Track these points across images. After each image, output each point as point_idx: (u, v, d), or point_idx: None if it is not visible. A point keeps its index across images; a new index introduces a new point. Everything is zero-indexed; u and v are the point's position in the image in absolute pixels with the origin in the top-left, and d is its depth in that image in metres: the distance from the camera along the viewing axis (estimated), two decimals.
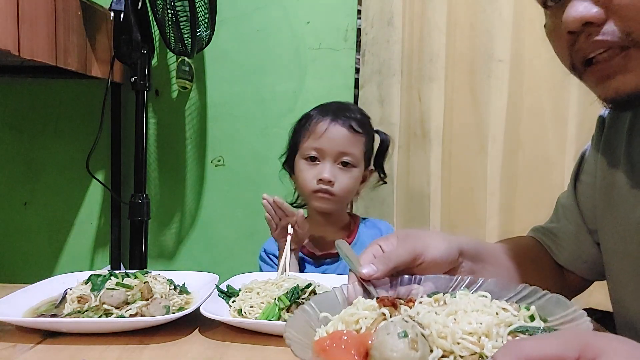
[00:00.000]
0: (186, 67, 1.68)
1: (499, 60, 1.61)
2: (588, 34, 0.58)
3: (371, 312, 0.55)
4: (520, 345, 0.40)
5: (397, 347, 0.46)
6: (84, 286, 0.86)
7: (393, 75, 1.66)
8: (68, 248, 1.82)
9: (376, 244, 0.66)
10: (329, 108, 1.25)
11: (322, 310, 0.58)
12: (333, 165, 1.20)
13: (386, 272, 0.61)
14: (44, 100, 1.79)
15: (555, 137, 1.65)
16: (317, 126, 1.21)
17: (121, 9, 1.49)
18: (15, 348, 0.71)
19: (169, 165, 1.79)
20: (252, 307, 0.82)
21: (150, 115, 1.76)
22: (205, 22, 1.52)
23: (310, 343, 0.53)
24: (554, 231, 0.86)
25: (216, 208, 1.79)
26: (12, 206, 1.81)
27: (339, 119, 1.21)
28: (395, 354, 0.46)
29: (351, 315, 0.55)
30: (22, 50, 1.21)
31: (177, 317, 0.76)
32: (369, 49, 1.68)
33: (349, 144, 1.21)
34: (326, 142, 1.20)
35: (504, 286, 0.60)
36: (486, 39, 1.62)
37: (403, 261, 0.63)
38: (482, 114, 1.64)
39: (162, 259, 1.80)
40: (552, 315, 0.53)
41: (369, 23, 1.67)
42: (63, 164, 1.79)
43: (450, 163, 1.68)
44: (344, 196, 1.23)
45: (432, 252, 0.65)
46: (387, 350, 0.47)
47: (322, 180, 1.19)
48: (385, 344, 0.47)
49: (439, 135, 1.64)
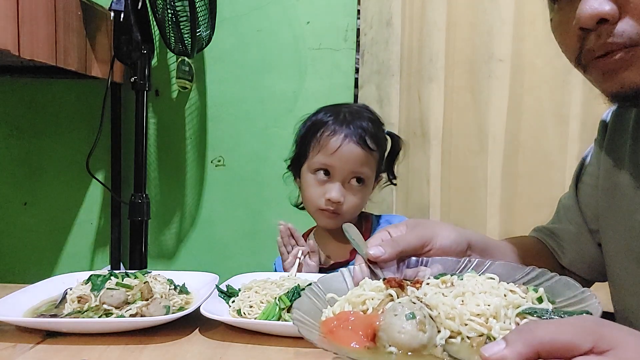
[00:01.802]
0: (186, 67, 1.68)
1: (500, 60, 1.60)
2: (599, 34, 0.57)
3: (378, 294, 0.54)
4: (534, 329, 0.39)
5: (405, 329, 0.47)
6: (84, 286, 0.86)
7: (392, 75, 1.66)
8: (68, 248, 1.82)
9: (385, 230, 0.66)
10: (341, 116, 1.16)
11: (329, 291, 0.58)
12: (342, 184, 1.13)
13: (393, 256, 0.61)
14: (44, 100, 1.79)
15: (556, 137, 1.63)
16: (330, 141, 1.12)
17: (121, 9, 1.49)
18: (15, 348, 0.71)
19: (169, 165, 1.79)
20: (251, 307, 0.82)
21: (150, 115, 1.76)
22: (205, 22, 1.52)
23: (317, 324, 0.52)
24: (556, 232, 0.86)
25: (216, 208, 1.79)
26: (12, 206, 1.81)
27: (353, 135, 1.12)
28: (403, 336, 0.46)
29: (358, 297, 0.54)
30: (22, 50, 1.21)
31: (177, 317, 0.76)
32: (368, 50, 1.68)
33: (361, 163, 1.13)
34: (338, 160, 1.12)
35: (512, 268, 0.60)
36: (486, 39, 1.61)
37: (411, 246, 0.63)
38: (482, 113, 1.64)
39: (162, 259, 1.80)
40: (561, 296, 0.53)
41: (368, 24, 1.67)
42: (63, 164, 1.79)
43: (450, 163, 1.67)
44: (351, 214, 1.17)
45: (441, 240, 0.65)
46: (395, 332, 0.47)
47: (330, 200, 1.12)
48: (393, 325, 0.47)
49: (438, 135, 1.64)
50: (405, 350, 0.47)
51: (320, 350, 0.70)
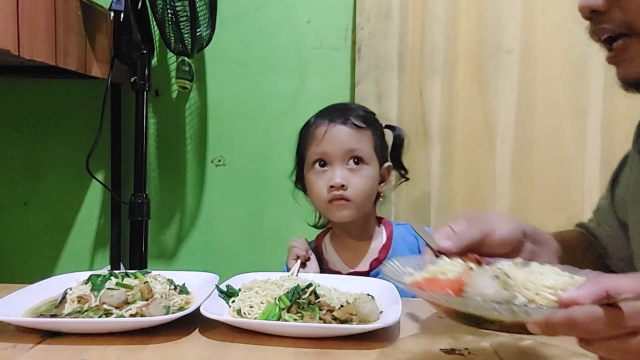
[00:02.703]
0: (186, 67, 1.68)
1: (508, 51, 1.52)
2: (595, 21, 0.67)
3: (457, 267, 0.61)
4: (601, 278, 0.48)
5: (491, 285, 0.54)
6: (84, 286, 0.86)
7: (391, 70, 1.59)
8: (68, 248, 1.82)
9: (446, 226, 0.71)
10: (327, 111, 1.19)
11: (406, 266, 0.65)
12: (342, 167, 1.11)
13: (460, 248, 0.67)
14: (44, 100, 1.79)
15: (573, 132, 1.53)
16: (317, 130, 1.14)
17: (121, 9, 1.49)
18: (15, 348, 0.71)
19: (169, 165, 1.79)
20: (251, 307, 0.82)
21: (150, 115, 1.76)
22: (205, 22, 1.52)
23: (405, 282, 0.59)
24: (595, 232, 0.89)
25: (216, 208, 1.79)
26: (12, 206, 1.81)
27: (337, 118, 1.14)
28: (489, 290, 0.54)
29: (438, 269, 0.61)
30: (22, 50, 1.21)
31: (177, 317, 0.76)
32: (365, 44, 1.61)
33: (353, 140, 1.12)
34: (329, 144, 1.11)
35: (572, 270, 0.64)
36: (493, 28, 1.53)
37: (475, 239, 0.68)
38: (490, 108, 1.55)
39: (162, 259, 1.80)
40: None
41: (365, 17, 1.61)
42: (63, 164, 1.79)
43: (454, 161, 1.60)
44: (361, 199, 1.12)
45: (500, 231, 0.70)
46: (481, 287, 0.54)
47: (333, 187, 1.10)
48: (480, 281, 0.55)
49: (441, 132, 1.57)
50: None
51: (320, 350, 0.70)
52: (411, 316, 0.85)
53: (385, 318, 0.80)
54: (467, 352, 0.71)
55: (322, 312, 0.79)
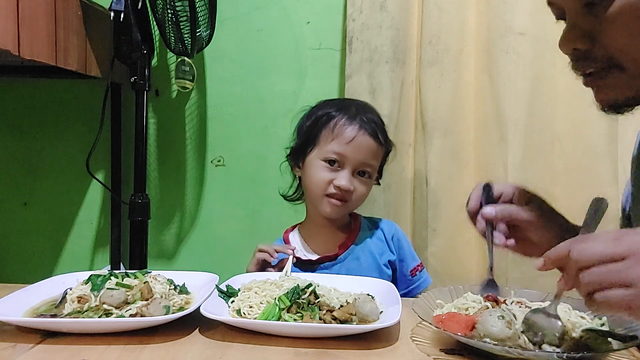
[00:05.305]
0: (186, 67, 1.68)
1: (520, 34, 1.39)
2: (577, 57, 0.72)
3: (477, 304, 0.78)
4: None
5: (497, 324, 0.68)
6: (84, 286, 0.86)
7: (386, 62, 1.51)
8: (68, 248, 1.82)
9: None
10: (352, 110, 1.19)
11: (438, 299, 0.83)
12: (352, 173, 1.16)
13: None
14: (44, 100, 1.79)
15: (601, 123, 1.39)
16: (345, 131, 1.15)
17: (121, 9, 1.49)
18: (15, 348, 0.71)
19: (169, 165, 1.79)
20: (251, 307, 0.82)
21: (150, 115, 1.76)
22: (205, 22, 1.52)
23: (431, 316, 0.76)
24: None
25: (216, 208, 1.79)
26: (12, 206, 1.81)
27: (367, 127, 1.16)
28: (495, 329, 0.67)
29: (462, 304, 0.79)
30: (22, 50, 1.21)
31: (177, 317, 0.76)
32: (357, 36, 1.54)
33: (372, 155, 1.17)
34: (351, 150, 1.15)
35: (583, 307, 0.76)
36: (502, 9, 1.41)
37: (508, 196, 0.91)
38: (499, 97, 1.44)
39: (162, 259, 1.80)
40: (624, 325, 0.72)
41: (357, 8, 1.54)
42: (63, 164, 1.79)
43: (460, 156, 1.51)
44: (356, 205, 1.21)
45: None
46: (489, 325, 0.68)
47: (339, 187, 1.15)
48: (488, 321, 0.68)
49: (442, 126, 1.48)
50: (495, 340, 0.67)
51: (320, 350, 0.71)
52: (411, 316, 0.85)
53: (385, 318, 0.80)
54: (466, 352, 0.71)
55: (321, 312, 0.80)
